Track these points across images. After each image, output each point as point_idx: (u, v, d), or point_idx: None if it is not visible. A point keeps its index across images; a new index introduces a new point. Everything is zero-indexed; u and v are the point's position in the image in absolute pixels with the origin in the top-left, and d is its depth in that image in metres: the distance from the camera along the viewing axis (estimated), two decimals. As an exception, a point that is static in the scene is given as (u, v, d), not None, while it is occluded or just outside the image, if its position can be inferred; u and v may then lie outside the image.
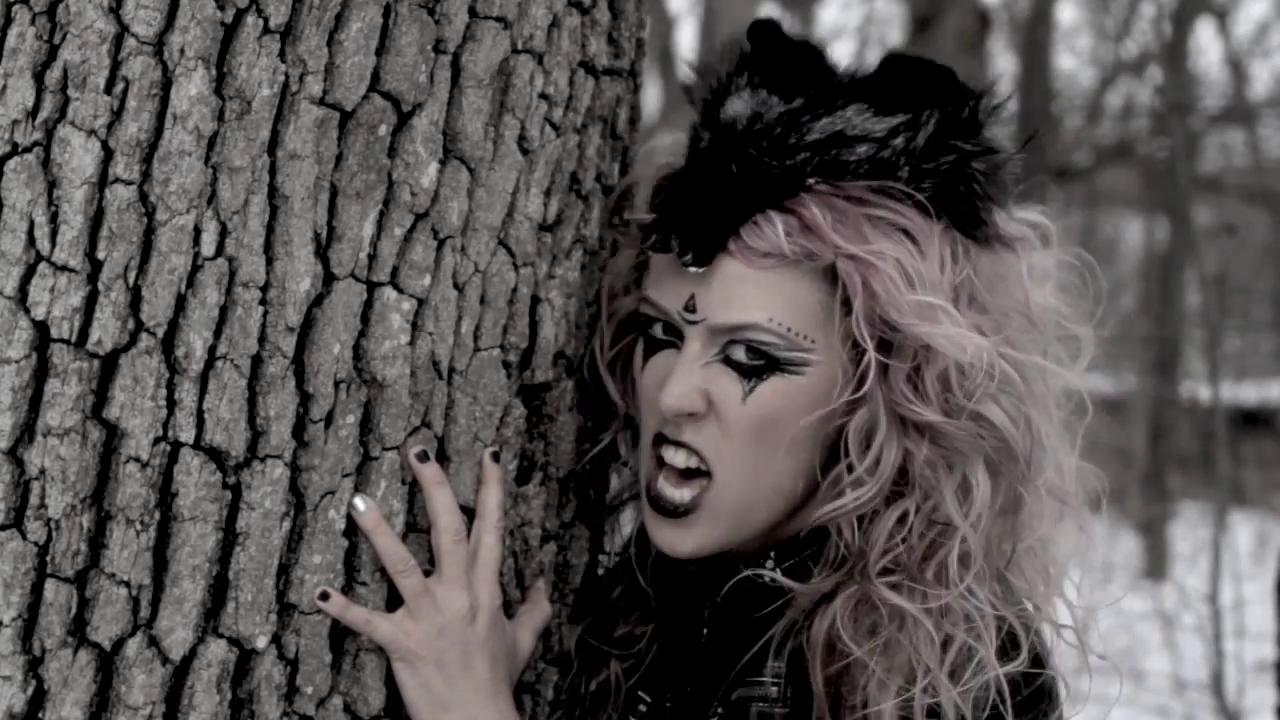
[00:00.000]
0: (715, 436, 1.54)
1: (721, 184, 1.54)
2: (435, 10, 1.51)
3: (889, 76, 1.56)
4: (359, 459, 1.50)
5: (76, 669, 1.39)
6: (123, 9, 1.40)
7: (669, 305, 1.56)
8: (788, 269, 1.52)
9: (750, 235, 1.52)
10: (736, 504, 1.56)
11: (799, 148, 1.54)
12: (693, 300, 1.54)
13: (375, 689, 1.51)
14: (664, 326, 1.58)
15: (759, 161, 1.53)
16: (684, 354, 1.55)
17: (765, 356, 1.53)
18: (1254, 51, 13.24)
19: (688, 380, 1.53)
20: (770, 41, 1.60)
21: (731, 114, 1.57)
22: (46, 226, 1.39)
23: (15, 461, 1.39)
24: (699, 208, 1.54)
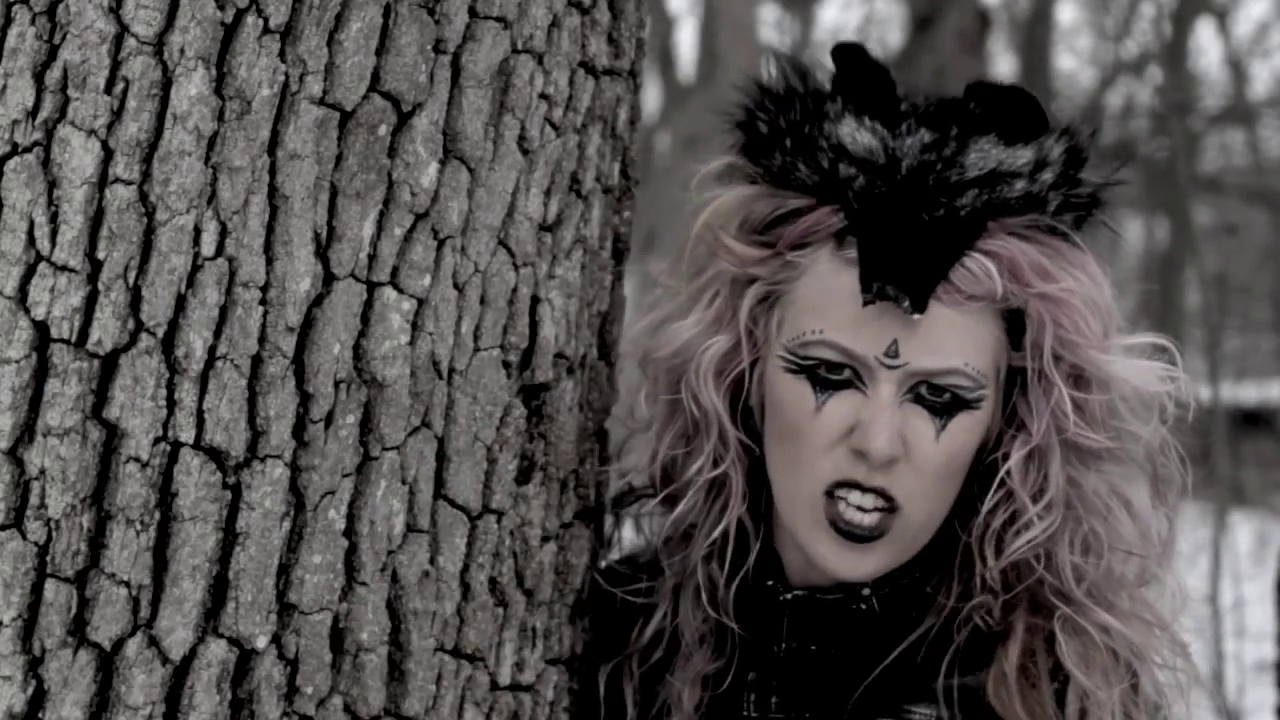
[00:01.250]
0: (907, 476, 1.55)
1: (921, 228, 1.54)
2: (435, 10, 1.51)
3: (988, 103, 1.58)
4: (359, 459, 1.50)
5: (76, 669, 1.39)
6: (123, 9, 1.40)
7: (864, 350, 1.55)
8: (983, 311, 1.55)
9: (962, 279, 1.54)
10: (917, 532, 1.59)
11: (965, 186, 1.55)
12: (895, 345, 1.54)
13: (375, 689, 1.51)
14: (833, 367, 1.56)
15: (943, 204, 1.54)
16: (880, 398, 1.54)
17: (955, 397, 1.56)
18: (1254, 51, 13.24)
19: (892, 426, 1.54)
20: (856, 65, 1.61)
21: (866, 147, 1.57)
22: (46, 226, 1.39)
23: (15, 461, 1.39)
24: (909, 251, 1.53)
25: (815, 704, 1.62)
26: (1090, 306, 1.56)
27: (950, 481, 1.59)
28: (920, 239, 1.53)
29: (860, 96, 1.59)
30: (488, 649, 1.60)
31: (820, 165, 1.58)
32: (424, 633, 1.54)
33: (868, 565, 1.58)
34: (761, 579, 1.66)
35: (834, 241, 1.58)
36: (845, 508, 1.56)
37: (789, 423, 1.59)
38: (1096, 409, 1.57)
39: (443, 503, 1.56)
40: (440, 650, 1.56)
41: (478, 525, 1.58)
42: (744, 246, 1.62)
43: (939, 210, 1.54)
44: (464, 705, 1.58)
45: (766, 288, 1.61)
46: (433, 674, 1.55)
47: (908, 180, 1.55)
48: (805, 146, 1.59)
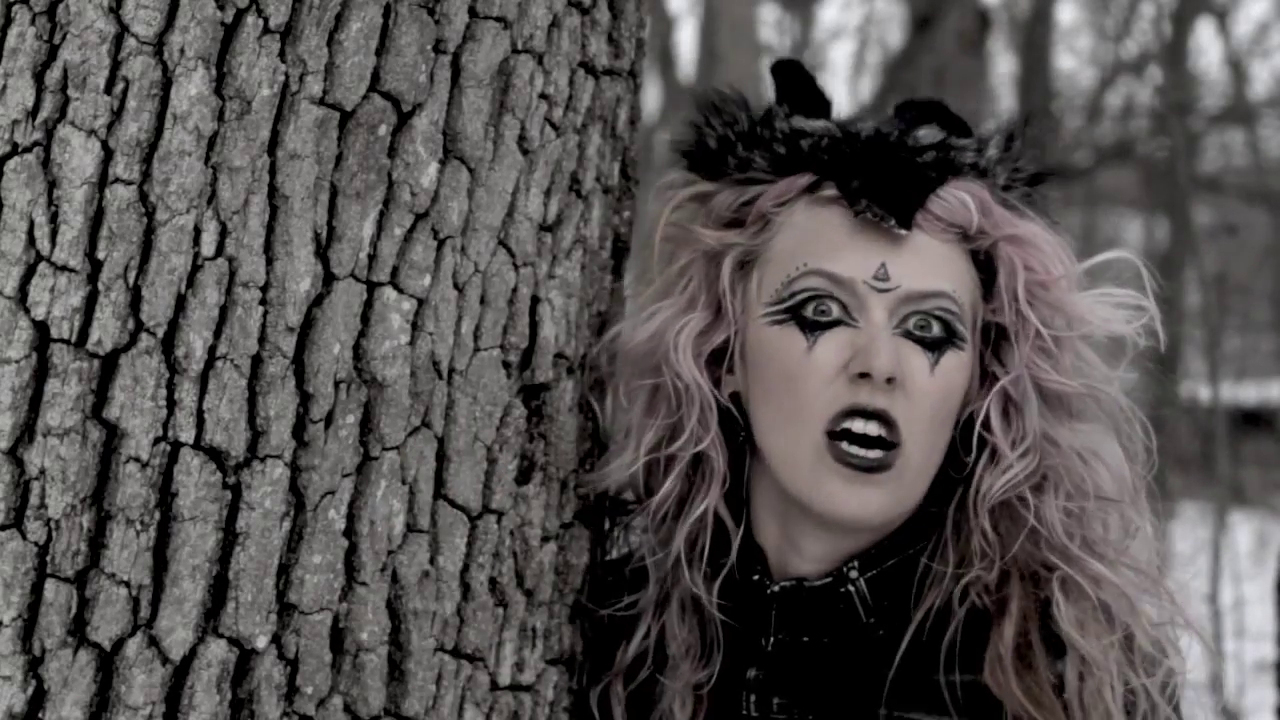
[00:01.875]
0: (906, 406, 1.56)
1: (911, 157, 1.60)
2: (435, 10, 1.51)
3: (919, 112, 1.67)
4: (359, 459, 1.50)
5: (76, 669, 1.39)
6: (123, 9, 1.40)
7: (851, 274, 1.57)
8: (958, 246, 1.60)
9: (939, 207, 1.59)
10: (913, 473, 1.59)
11: (922, 148, 1.61)
12: (884, 268, 1.57)
13: (375, 689, 1.51)
14: (820, 304, 1.57)
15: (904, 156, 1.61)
16: (873, 322, 1.56)
17: (945, 327, 1.58)
18: (1254, 51, 13.25)
19: (890, 345, 1.55)
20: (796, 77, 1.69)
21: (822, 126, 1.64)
22: (46, 226, 1.39)
23: (15, 461, 1.39)
24: (891, 174, 1.58)
25: (817, 701, 1.62)
26: (1055, 250, 1.62)
27: (942, 425, 1.60)
28: (896, 168, 1.59)
29: (804, 102, 1.67)
30: (488, 649, 1.60)
31: (777, 152, 1.64)
32: (424, 633, 1.54)
33: (873, 501, 1.57)
34: (746, 574, 1.66)
35: (807, 194, 1.63)
36: (849, 446, 1.56)
37: (780, 371, 1.59)
38: (1067, 358, 1.61)
39: (443, 503, 1.56)
40: (440, 650, 1.56)
41: (478, 525, 1.58)
42: (716, 231, 1.66)
43: (903, 151, 1.61)
44: (464, 705, 1.58)
45: (744, 250, 1.64)
46: (433, 674, 1.55)
47: (869, 141, 1.62)
48: (758, 143, 1.65)
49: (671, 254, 1.69)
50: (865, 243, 1.57)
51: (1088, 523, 1.61)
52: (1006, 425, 1.61)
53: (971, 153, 1.64)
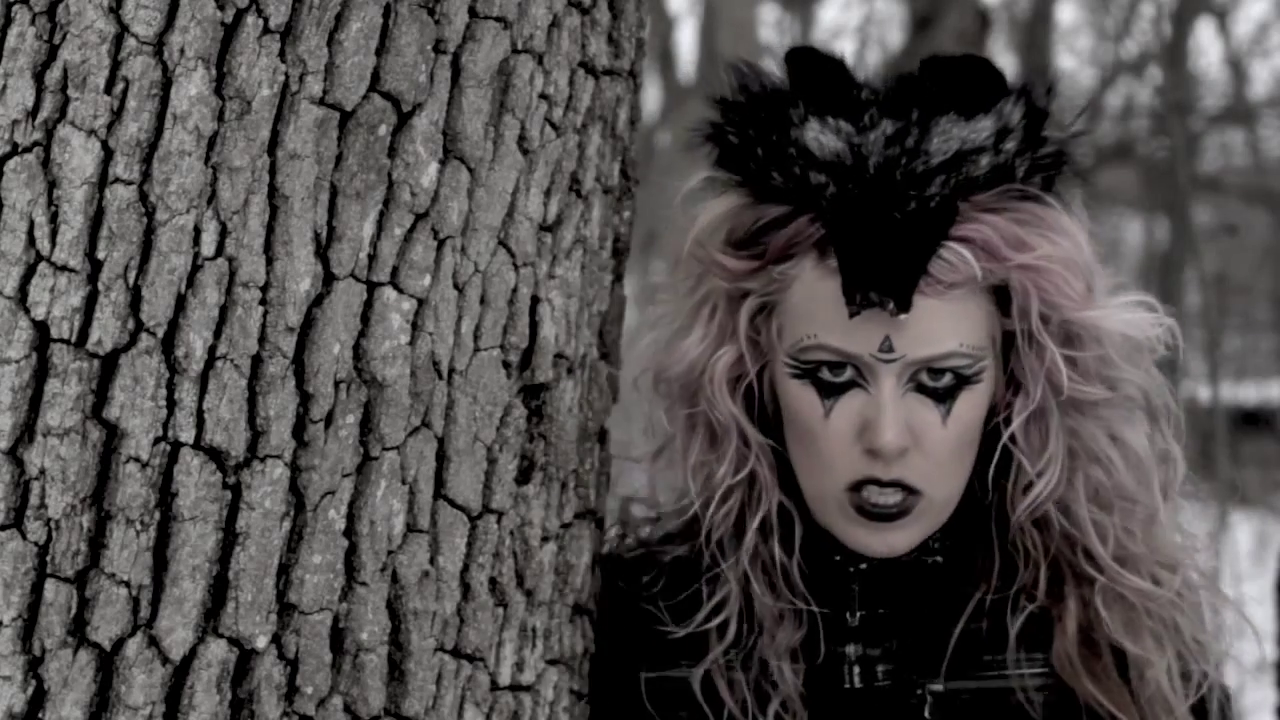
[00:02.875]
0: (921, 464, 1.61)
1: (895, 229, 1.58)
2: (435, 10, 1.51)
3: (944, 79, 1.61)
4: (359, 459, 1.50)
5: (76, 669, 1.39)
6: (123, 9, 1.40)
7: (858, 349, 1.59)
8: (967, 292, 1.60)
9: (940, 270, 1.58)
10: (941, 507, 1.65)
11: (932, 174, 1.59)
12: (888, 341, 1.59)
13: (375, 689, 1.51)
14: (834, 368, 1.61)
15: (913, 198, 1.58)
16: (884, 393, 1.59)
17: (957, 376, 1.61)
18: (1254, 51, 13.24)
19: (898, 420, 1.59)
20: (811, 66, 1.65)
21: (833, 150, 1.60)
22: (46, 226, 1.39)
23: (15, 461, 1.39)
24: (886, 255, 1.57)
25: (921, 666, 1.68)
26: (1070, 267, 1.61)
27: (964, 456, 1.64)
28: (895, 239, 1.57)
29: (819, 96, 1.63)
30: (488, 649, 1.60)
31: (792, 173, 1.62)
32: (424, 633, 1.54)
33: (900, 540, 1.64)
34: (824, 554, 1.70)
35: (816, 251, 1.62)
36: (868, 495, 1.62)
37: (804, 428, 1.64)
38: (1090, 364, 1.62)
39: (443, 503, 1.56)
40: (440, 650, 1.56)
41: (478, 525, 1.58)
42: (733, 261, 1.66)
43: (909, 204, 1.58)
44: (464, 705, 1.58)
45: (760, 299, 1.66)
46: (433, 674, 1.55)
47: (876, 179, 1.58)
48: (776, 154, 1.63)
49: (697, 275, 1.71)
50: (869, 317, 1.58)
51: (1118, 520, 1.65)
52: (1028, 437, 1.65)
53: (988, 155, 1.61)
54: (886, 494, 1.61)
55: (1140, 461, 1.66)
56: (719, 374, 1.67)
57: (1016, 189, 1.62)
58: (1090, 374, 1.63)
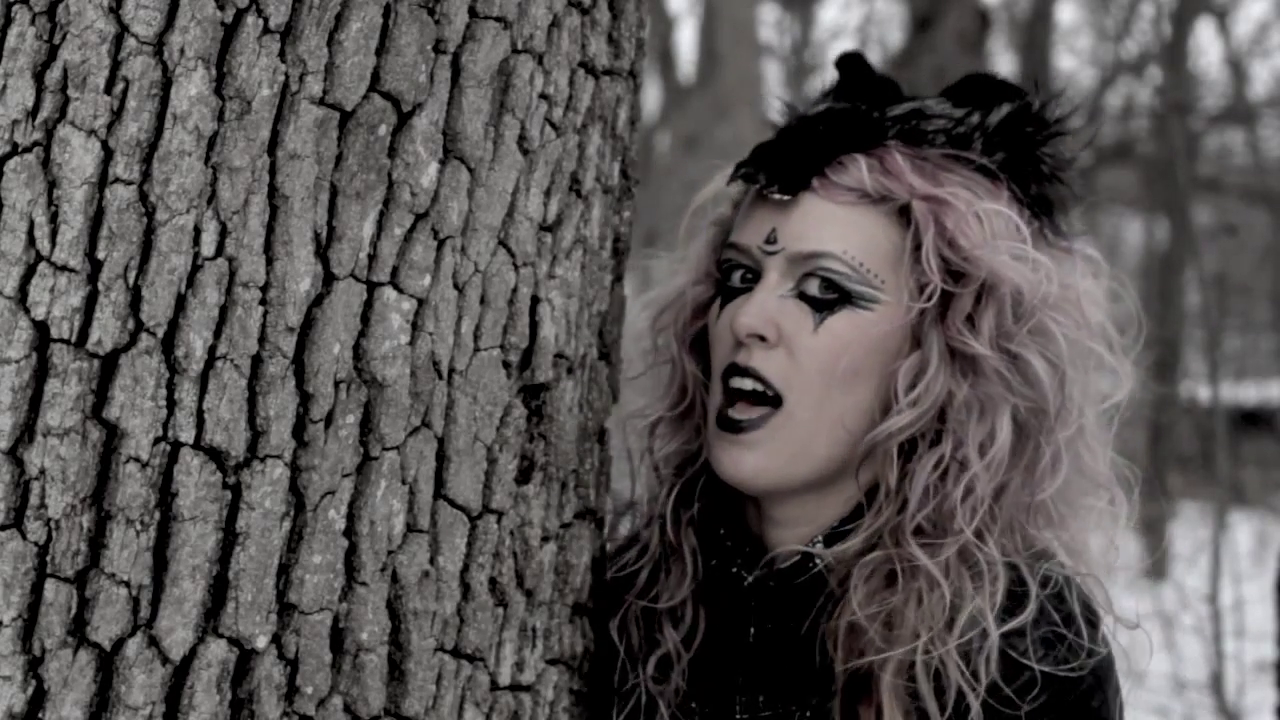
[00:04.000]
0: (785, 365, 1.62)
1: (812, 130, 1.67)
2: (435, 10, 1.51)
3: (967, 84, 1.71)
4: (359, 459, 1.50)
5: (76, 669, 1.39)
6: (123, 9, 1.40)
7: (748, 240, 1.67)
8: (866, 208, 1.63)
9: (834, 172, 1.64)
10: (800, 432, 1.63)
11: (884, 119, 1.67)
12: (774, 232, 1.65)
13: (375, 689, 1.51)
14: (742, 274, 1.67)
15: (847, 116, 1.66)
16: (763, 285, 1.64)
17: (837, 289, 1.62)
18: (1254, 51, 13.25)
19: (763, 306, 1.62)
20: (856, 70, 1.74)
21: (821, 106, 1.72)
22: (46, 226, 1.39)
23: (15, 461, 1.39)
24: (789, 147, 1.66)
25: (795, 692, 1.63)
26: (974, 213, 1.63)
27: (834, 380, 1.61)
28: (804, 136, 1.67)
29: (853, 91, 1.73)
30: (488, 649, 1.60)
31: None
32: (424, 633, 1.54)
33: (748, 462, 1.63)
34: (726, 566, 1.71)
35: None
36: (728, 409, 1.65)
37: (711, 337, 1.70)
38: (988, 322, 1.61)
39: (443, 503, 1.56)
40: (440, 650, 1.56)
41: (478, 525, 1.58)
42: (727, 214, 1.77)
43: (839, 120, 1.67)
44: (464, 705, 1.58)
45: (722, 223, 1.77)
46: (433, 674, 1.55)
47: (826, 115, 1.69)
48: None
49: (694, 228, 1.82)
50: (764, 213, 1.66)
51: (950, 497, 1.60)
52: (911, 380, 1.63)
53: (945, 119, 1.67)
54: (745, 384, 1.62)
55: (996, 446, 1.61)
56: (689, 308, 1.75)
57: (973, 159, 1.66)
58: (981, 331, 1.61)
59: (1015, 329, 1.61)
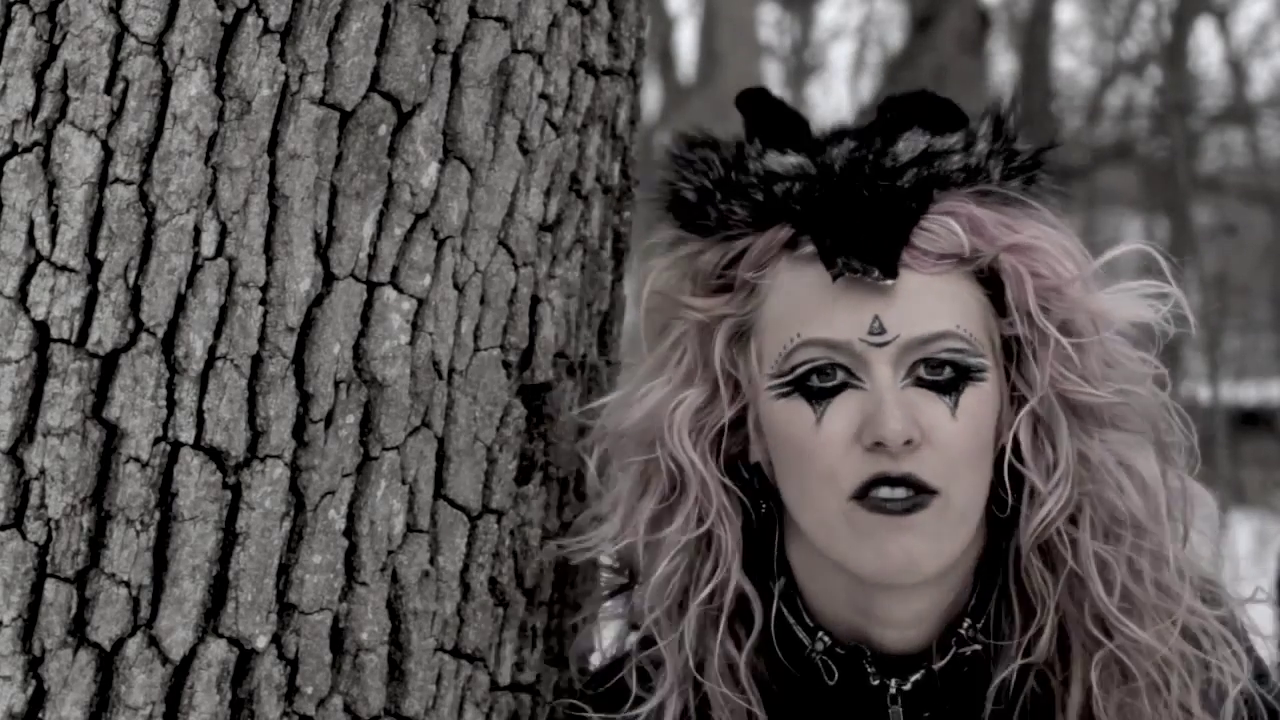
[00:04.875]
0: (935, 461, 1.45)
1: (869, 203, 1.48)
2: (435, 10, 1.51)
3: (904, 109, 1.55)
4: (359, 459, 1.50)
5: (76, 669, 1.39)
6: (123, 9, 1.40)
7: (846, 336, 1.46)
8: (956, 273, 1.49)
9: (925, 241, 1.48)
10: (959, 517, 1.48)
11: (902, 168, 1.50)
12: (878, 321, 1.46)
13: (375, 689, 1.51)
14: (822, 373, 1.47)
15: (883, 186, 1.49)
16: (880, 381, 1.45)
17: (956, 367, 1.47)
18: (1254, 51, 13.24)
19: (901, 405, 1.44)
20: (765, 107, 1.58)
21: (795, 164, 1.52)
22: (46, 226, 1.39)
23: (15, 461, 1.39)
24: (865, 223, 1.47)
25: None
26: (1061, 250, 1.52)
27: (979, 464, 1.49)
28: (871, 210, 1.48)
29: (776, 134, 1.56)
30: (488, 649, 1.60)
31: (755, 199, 1.53)
32: (424, 633, 1.54)
33: (917, 548, 1.45)
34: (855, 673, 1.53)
35: (787, 251, 1.52)
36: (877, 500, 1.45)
37: (794, 447, 1.49)
38: (1094, 364, 1.50)
39: (443, 503, 1.56)
40: (440, 650, 1.56)
41: (478, 525, 1.58)
42: (705, 299, 1.55)
43: (879, 187, 1.50)
44: (464, 705, 1.58)
45: (736, 322, 1.54)
46: (433, 674, 1.55)
47: (844, 175, 1.51)
48: (735, 190, 1.55)
49: (662, 326, 1.58)
50: (854, 298, 1.46)
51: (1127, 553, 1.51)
52: (1038, 452, 1.51)
53: (959, 155, 1.53)
54: (898, 492, 1.44)
55: (1148, 488, 1.51)
56: (680, 417, 1.53)
57: (996, 190, 1.53)
58: (1094, 376, 1.50)
59: (1123, 362, 1.52)
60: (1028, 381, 1.52)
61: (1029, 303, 1.50)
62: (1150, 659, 1.51)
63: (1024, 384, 1.52)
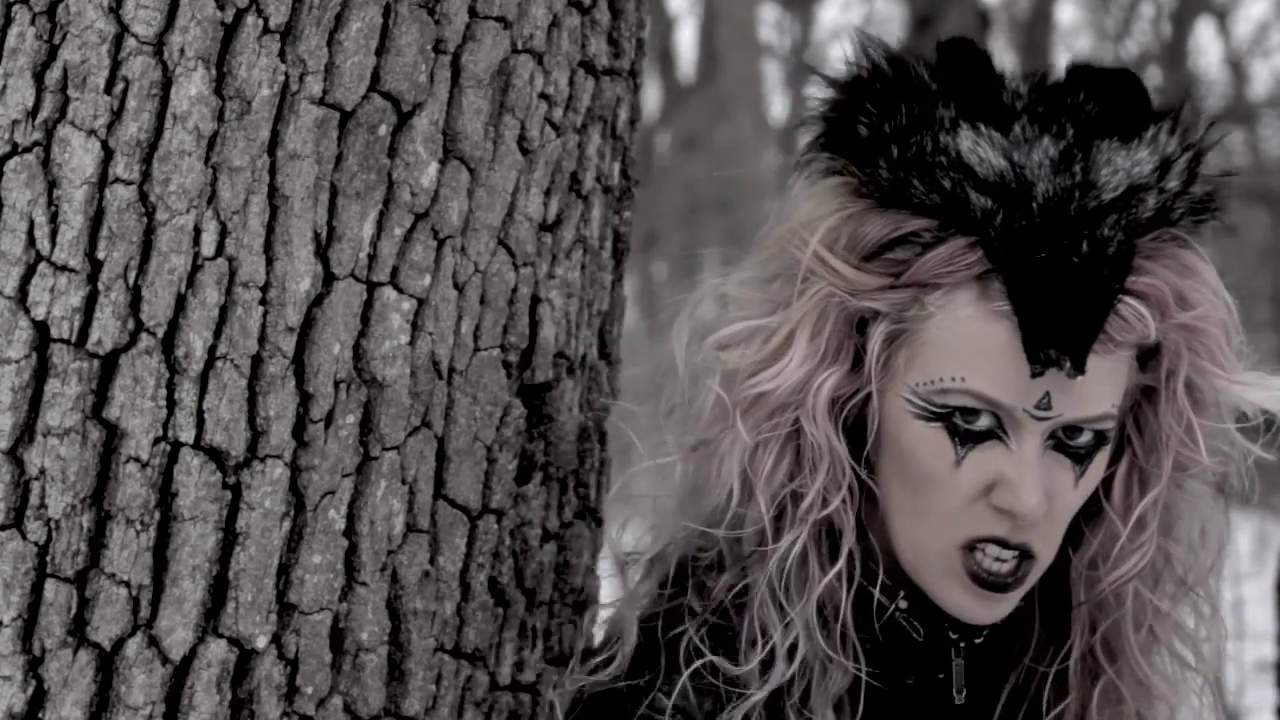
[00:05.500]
0: (1047, 529, 1.46)
1: (1073, 277, 1.41)
2: (435, 10, 1.51)
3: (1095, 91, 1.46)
4: (359, 459, 1.50)
5: (76, 669, 1.39)
6: (123, 9, 1.40)
7: (1013, 402, 1.42)
8: (1127, 352, 1.45)
9: (1116, 328, 1.42)
10: (1046, 565, 1.49)
11: (1104, 210, 1.42)
12: (1048, 398, 1.42)
13: (375, 689, 1.51)
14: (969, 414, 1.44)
15: (1085, 238, 1.42)
16: (1026, 452, 1.43)
17: (1097, 436, 1.45)
18: (1254, 51, 13.25)
19: (1041, 484, 1.43)
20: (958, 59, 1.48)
21: (997, 170, 1.43)
22: (46, 226, 1.39)
23: (15, 461, 1.39)
24: (1068, 307, 1.41)
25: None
26: (1223, 330, 1.48)
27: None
28: (1075, 290, 1.41)
29: (969, 97, 1.45)
30: (488, 649, 1.60)
31: (942, 186, 1.43)
32: (424, 633, 1.54)
33: (1004, 609, 1.48)
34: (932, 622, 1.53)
35: (977, 286, 1.43)
36: (984, 558, 1.45)
37: (924, 473, 1.46)
38: (1202, 430, 1.49)
39: (443, 503, 1.56)
40: (440, 650, 1.56)
41: (478, 525, 1.59)
42: (856, 272, 1.46)
43: (1083, 246, 1.41)
44: (464, 705, 1.58)
45: (893, 321, 1.46)
46: (433, 674, 1.55)
47: (1046, 212, 1.41)
48: (918, 160, 1.44)
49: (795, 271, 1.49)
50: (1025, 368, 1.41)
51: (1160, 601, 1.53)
52: (1127, 500, 1.51)
53: (1154, 194, 1.43)
54: (1005, 557, 1.45)
55: (1214, 545, 1.52)
56: (824, 395, 1.47)
57: (1171, 234, 1.45)
58: (1199, 443, 1.49)
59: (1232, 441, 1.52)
60: (1139, 427, 1.51)
61: (1179, 380, 1.48)
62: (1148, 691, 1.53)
63: (1135, 429, 1.51)
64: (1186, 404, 1.47)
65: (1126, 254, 1.42)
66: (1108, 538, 1.51)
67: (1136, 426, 1.50)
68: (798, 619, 1.48)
